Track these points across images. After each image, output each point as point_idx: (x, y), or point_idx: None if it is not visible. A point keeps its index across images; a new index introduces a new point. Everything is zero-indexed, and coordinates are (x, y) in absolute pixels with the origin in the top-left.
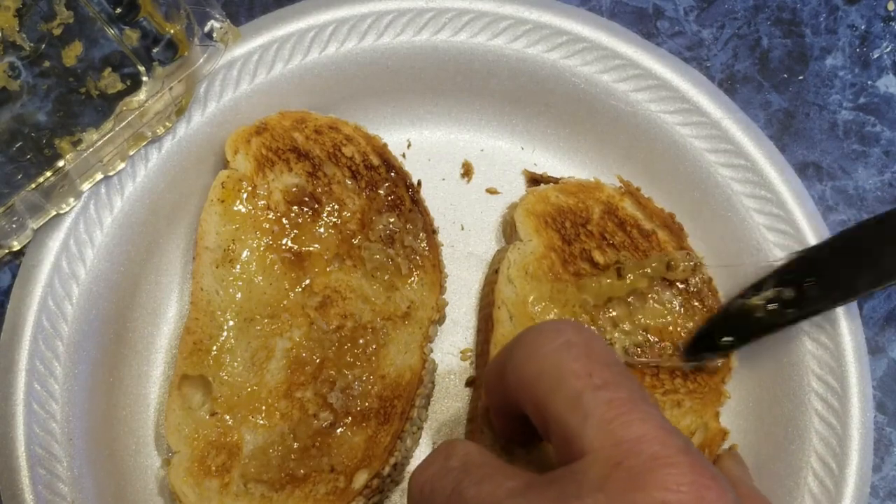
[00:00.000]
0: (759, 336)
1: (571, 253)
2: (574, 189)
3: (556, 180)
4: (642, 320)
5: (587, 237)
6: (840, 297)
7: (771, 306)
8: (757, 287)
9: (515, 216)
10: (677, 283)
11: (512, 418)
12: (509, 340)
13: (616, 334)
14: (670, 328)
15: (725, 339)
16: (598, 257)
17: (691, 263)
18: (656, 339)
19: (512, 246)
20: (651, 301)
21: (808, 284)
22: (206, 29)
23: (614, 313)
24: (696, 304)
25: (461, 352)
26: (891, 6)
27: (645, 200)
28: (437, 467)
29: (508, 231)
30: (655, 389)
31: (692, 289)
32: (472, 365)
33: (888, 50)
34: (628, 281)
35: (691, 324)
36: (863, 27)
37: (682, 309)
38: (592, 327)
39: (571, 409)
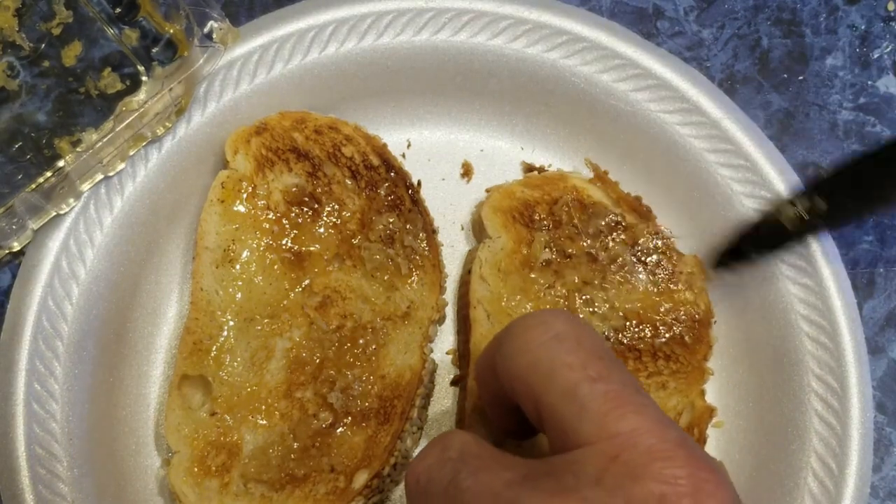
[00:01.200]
0: (788, 246)
1: (541, 246)
2: (539, 182)
3: None
4: (619, 304)
5: (556, 228)
6: (870, 208)
7: (801, 215)
8: (791, 201)
9: (483, 214)
10: (650, 264)
11: (506, 411)
12: (496, 333)
13: (594, 321)
14: (648, 310)
15: (754, 249)
16: (569, 246)
17: (654, 235)
18: (635, 322)
19: (482, 244)
20: (626, 285)
21: (841, 194)
22: (206, 30)
23: (590, 300)
24: (671, 284)
25: (447, 352)
26: (891, 6)
27: (612, 185)
28: (433, 458)
29: (477, 230)
30: (639, 373)
31: (666, 269)
32: (454, 363)
33: (888, 50)
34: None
35: (669, 303)
36: (863, 27)
37: (658, 289)
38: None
39: (567, 401)
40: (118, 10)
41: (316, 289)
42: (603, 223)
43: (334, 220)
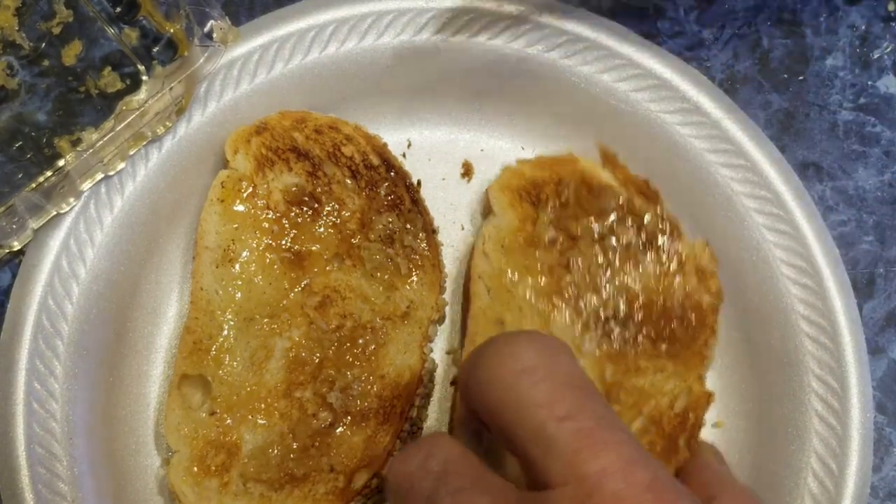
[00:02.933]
0: None
1: (547, 224)
2: (549, 163)
3: None
4: (623, 285)
5: (562, 208)
6: None
7: None
8: None
9: (490, 193)
10: (656, 246)
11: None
12: (471, 351)
13: (597, 301)
14: (651, 292)
15: None
16: (575, 226)
17: (661, 217)
18: (637, 304)
19: (486, 220)
20: (631, 266)
21: None
22: (206, 29)
23: (594, 280)
24: (677, 267)
25: (447, 352)
26: (891, 6)
27: (621, 168)
28: (416, 465)
29: (484, 212)
30: (638, 357)
31: (672, 252)
32: (454, 363)
33: (888, 50)
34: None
35: (673, 286)
36: (863, 27)
37: (663, 272)
38: (575, 305)
39: (534, 440)
40: (118, 9)
41: (316, 288)
42: (610, 205)
43: (334, 219)
